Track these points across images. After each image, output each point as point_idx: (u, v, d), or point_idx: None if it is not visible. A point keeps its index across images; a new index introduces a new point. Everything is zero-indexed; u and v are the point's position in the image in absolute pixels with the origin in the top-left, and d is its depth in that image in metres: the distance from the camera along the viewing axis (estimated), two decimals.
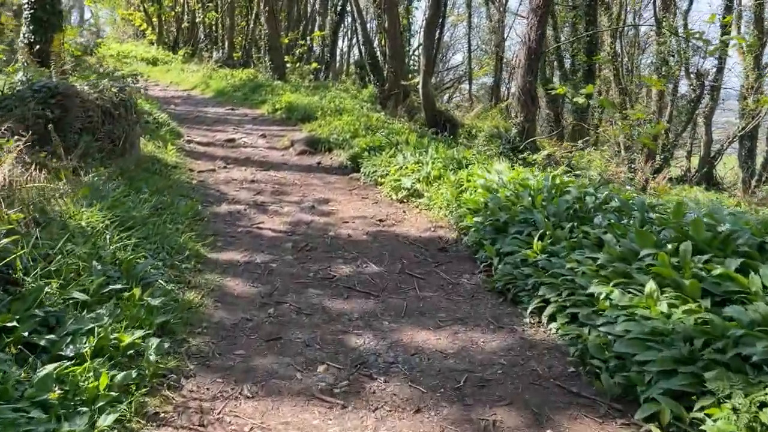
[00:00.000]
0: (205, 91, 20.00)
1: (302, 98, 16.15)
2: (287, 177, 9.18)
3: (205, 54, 23.81)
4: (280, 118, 14.59)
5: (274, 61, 20.06)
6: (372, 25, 23.45)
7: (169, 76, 22.85)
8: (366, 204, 7.82)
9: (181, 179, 8.28)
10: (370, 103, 17.30)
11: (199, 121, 14.13)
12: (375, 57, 18.15)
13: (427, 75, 13.97)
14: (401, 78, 17.63)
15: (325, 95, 17.39)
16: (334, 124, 12.10)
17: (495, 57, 35.87)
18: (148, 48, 25.82)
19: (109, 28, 31.81)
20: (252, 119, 14.68)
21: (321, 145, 10.95)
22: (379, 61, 18.29)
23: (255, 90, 18.36)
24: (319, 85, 19.53)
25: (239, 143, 11.40)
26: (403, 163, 8.41)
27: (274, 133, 12.46)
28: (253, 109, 16.50)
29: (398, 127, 12.86)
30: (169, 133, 10.92)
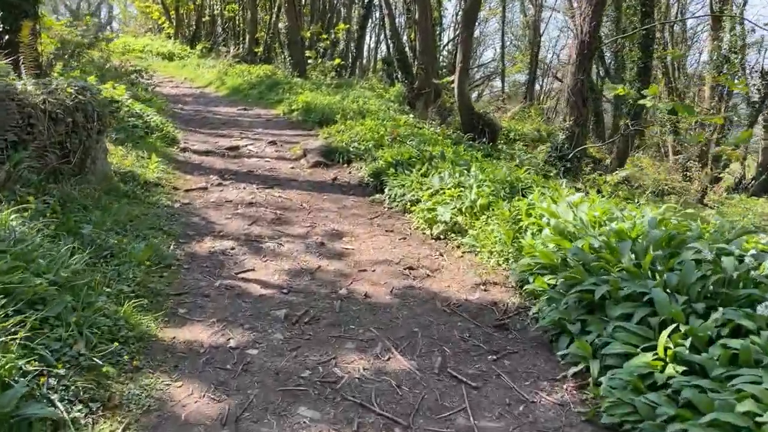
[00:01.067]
0: (219, 89, 18.32)
1: (322, 98, 14.32)
2: (294, 198, 7.34)
3: (223, 49, 22.19)
4: (296, 121, 12.78)
5: (293, 56, 18.28)
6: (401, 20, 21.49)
7: (185, 72, 21.26)
8: (391, 240, 5.94)
9: (159, 203, 6.50)
10: (398, 104, 15.41)
11: (205, 123, 12.41)
12: (403, 52, 16.24)
13: (463, 73, 12.02)
14: (432, 76, 15.71)
15: (347, 94, 15.55)
16: (355, 129, 10.24)
17: (530, 53, 33.71)
18: (165, 42, 24.31)
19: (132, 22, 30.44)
20: (264, 121, 12.90)
21: (339, 155, 9.09)
22: (407, 57, 16.37)
23: (272, 88, 16.60)
24: (341, 83, 17.70)
25: (243, 152, 9.60)
26: (439, 186, 6.49)
27: (285, 140, 10.64)
28: (268, 109, 14.73)
29: (429, 132, 10.95)
30: (161, 139, 9.18)
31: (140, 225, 5.62)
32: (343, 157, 9.05)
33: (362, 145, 9.31)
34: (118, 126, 8.63)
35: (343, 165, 8.96)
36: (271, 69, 18.72)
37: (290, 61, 18.34)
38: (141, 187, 6.77)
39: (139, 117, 9.41)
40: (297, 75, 17.91)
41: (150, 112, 10.61)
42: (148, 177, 7.13)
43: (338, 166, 8.94)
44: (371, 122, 10.47)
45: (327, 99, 14.18)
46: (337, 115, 11.81)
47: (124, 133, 8.53)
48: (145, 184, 6.88)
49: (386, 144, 9.00)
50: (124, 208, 5.82)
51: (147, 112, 10.37)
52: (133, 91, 13.45)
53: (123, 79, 14.46)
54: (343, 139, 9.81)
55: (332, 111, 12.52)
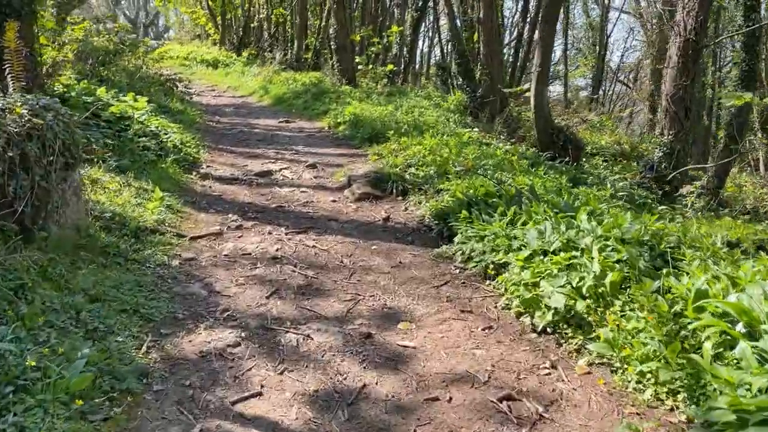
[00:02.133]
0: (262, 98, 16.75)
1: (371, 109, 12.46)
2: (334, 249, 5.45)
3: (269, 55, 20.70)
4: (342, 136, 10.95)
5: (342, 62, 16.51)
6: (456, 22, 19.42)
7: (228, 80, 19.85)
8: (471, 331, 3.95)
9: (151, 262, 4.72)
10: (458, 114, 13.39)
11: (240, 139, 10.73)
12: (465, 56, 14.19)
13: (542, 79, 9.90)
14: (498, 82, 13.60)
15: (401, 104, 13.64)
16: (412, 149, 8.29)
17: (596, 56, 31.03)
18: (210, 49, 23.05)
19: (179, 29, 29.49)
20: (306, 137, 11.12)
21: (392, 184, 7.16)
22: (469, 62, 14.30)
23: (318, 97, 14.87)
24: (394, 91, 15.80)
25: (276, 179, 7.80)
26: (537, 245, 4.44)
27: (328, 161, 8.79)
28: (312, 121, 12.97)
29: (500, 152, 8.91)
30: (177, 164, 7.48)
31: (109, 305, 3.84)
32: (397, 187, 7.11)
33: (421, 171, 7.35)
34: (123, 149, 6.97)
35: (397, 197, 7.02)
36: (318, 76, 17.02)
37: (338, 68, 16.57)
38: (130, 238, 5.02)
39: (154, 136, 7.75)
40: (345, 82, 16.13)
41: (173, 128, 8.97)
42: (145, 221, 5.38)
43: (391, 199, 7.01)
44: (431, 140, 8.50)
45: (378, 110, 12.31)
46: (390, 130, 9.91)
47: (129, 157, 6.87)
48: (137, 233, 5.13)
49: (452, 171, 7.01)
50: (89, 279, 4.04)
51: (168, 128, 8.73)
52: (162, 103, 11.97)
53: (153, 88, 13.03)
54: (396, 162, 7.88)
55: (384, 125, 10.63)
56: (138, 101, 9.60)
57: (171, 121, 10.63)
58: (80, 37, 10.32)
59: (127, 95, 9.68)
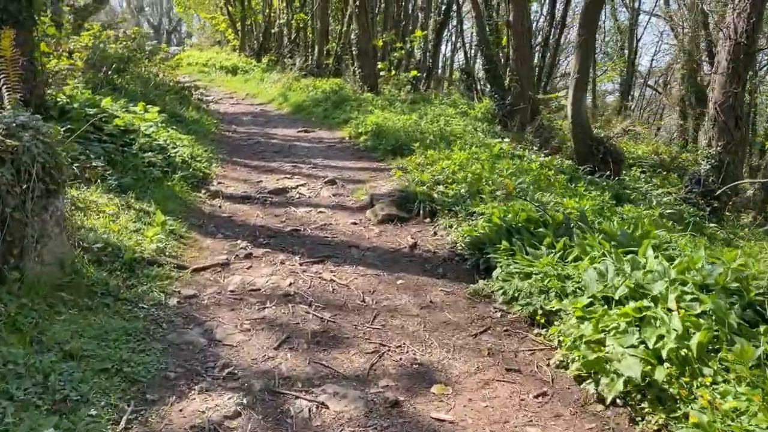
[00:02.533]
0: (281, 106, 16.20)
1: (395, 118, 11.80)
2: (354, 283, 4.77)
3: (288, 61, 20.19)
4: (364, 147, 10.30)
5: (363, 68, 15.88)
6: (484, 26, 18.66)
7: (247, 86, 19.37)
8: (521, 398, 3.24)
9: (144, 301, 4.10)
10: (486, 122, 12.66)
11: (256, 151, 10.15)
12: (493, 61, 13.45)
13: (580, 86, 9.13)
14: (528, 89, 12.84)
15: (425, 112, 12.96)
16: (439, 164, 7.60)
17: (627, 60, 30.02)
18: (230, 55, 22.63)
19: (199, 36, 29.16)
20: (326, 148, 10.50)
21: (418, 205, 6.47)
22: (498, 68, 13.56)
23: (338, 105, 14.26)
24: (418, 98, 15.13)
25: (292, 197, 7.16)
26: (598, 288, 3.71)
27: (349, 176, 8.13)
28: (332, 130, 12.35)
29: (535, 167, 8.18)
30: (186, 180, 6.89)
31: (87, 363, 3.21)
32: (424, 207, 6.41)
33: (451, 190, 6.65)
34: (126, 165, 6.40)
35: (425, 220, 6.32)
36: (338, 83, 16.41)
37: (360, 74, 15.95)
38: (124, 272, 4.41)
39: (161, 150, 7.17)
40: (367, 89, 15.50)
41: (184, 140, 8.40)
42: (143, 250, 4.77)
43: (418, 221, 6.32)
44: (461, 155, 7.79)
45: (401, 119, 11.64)
46: (415, 142, 9.23)
47: (132, 175, 6.29)
48: (132, 265, 4.51)
49: (487, 191, 6.30)
50: (67, 329, 3.42)
51: (178, 141, 8.17)
52: (177, 112, 11.46)
53: (168, 97, 12.54)
54: (423, 179, 7.18)
55: (408, 136, 9.95)
56: (149, 111, 9.07)
57: (184, 131, 10.10)
58: (89, 43, 9.83)
59: (138, 105, 9.16)
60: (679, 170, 13.72)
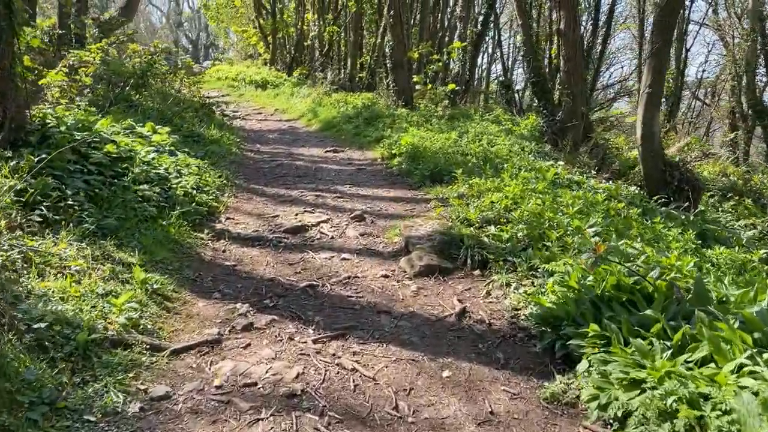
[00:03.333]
0: (310, 122, 15.12)
1: (432, 137, 10.56)
2: (383, 377, 3.49)
3: (319, 75, 19.16)
4: (398, 171, 9.06)
5: (398, 82, 14.69)
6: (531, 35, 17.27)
7: (277, 102, 18.39)
8: None
9: (92, 411, 2.92)
10: (534, 141, 11.28)
11: (278, 174, 9.01)
12: (541, 73, 12.08)
13: (653, 103, 7.70)
14: (581, 104, 11.43)
15: (466, 130, 11.68)
16: (488, 196, 6.28)
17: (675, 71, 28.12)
18: (260, 69, 21.76)
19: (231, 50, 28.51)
20: (355, 171, 9.29)
21: (465, 251, 5.16)
22: (546, 81, 12.19)
23: (371, 122, 13.08)
24: (456, 114, 13.84)
25: (312, 237, 5.92)
26: (762, 427, 2.35)
27: (380, 210, 6.88)
28: (363, 150, 11.17)
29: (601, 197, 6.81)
30: (187, 217, 5.74)
31: None
32: (472, 255, 5.11)
33: (505, 233, 5.33)
34: (113, 202, 5.29)
35: (473, 271, 5.01)
36: (371, 98, 15.25)
37: (394, 88, 14.75)
38: (73, 361, 3.24)
39: (161, 181, 6.05)
40: (402, 104, 14.29)
41: (193, 166, 7.30)
42: (107, 325, 3.60)
43: (465, 273, 5.01)
44: (514, 187, 6.45)
45: (439, 138, 10.38)
46: (456, 166, 7.95)
47: (120, 213, 5.17)
48: (87, 349, 3.34)
49: (553, 237, 4.96)
50: None
51: (185, 167, 7.06)
52: (196, 130, 10.45)
53: (189, 114, 11.57)
54: (469, 216, 5.88)
55: (448, 159, 8.68)
56: (159, 132, 8.04)
57: (201, 153, 9.06)
58: (97, 57, 8.88)
59: (146, 126, 8.14)
60: (753, 194, 12.05)
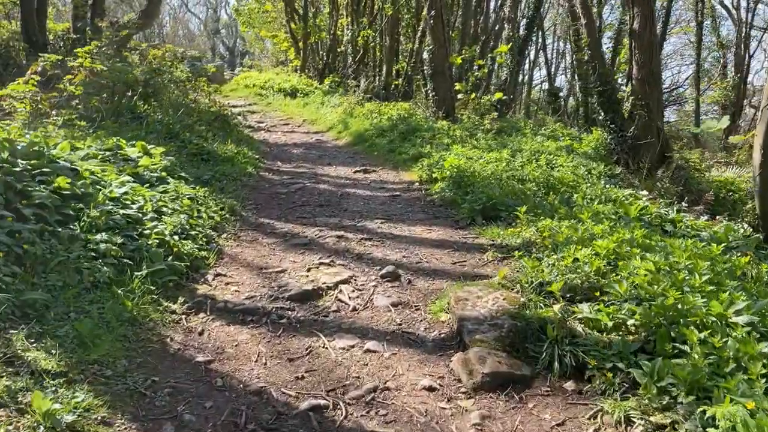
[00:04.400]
0: (340, 135, 13.55)
1: (481, 156, 8.85)
2: None
3: (352, 83, 17.62)
4: (440, 201, 7.36)
5: (438, 90, 12.98)
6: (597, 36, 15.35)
7: (306, 111, 16.91)
8: None
9: None
10: (600, 161, 9.43)
11: (297, 202, 7.42)
12: (609, 82, 10.21)
13: None
14: (658, 118, 9.52)
15: (519, 147, 9.92)
16: (569, 251, 4.51)
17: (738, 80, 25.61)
18: (290, 76, 20.36)
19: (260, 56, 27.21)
20: (388, 199, 7.62)
21: (550, 349, 3.43)
22: (615, 90, 10.32)
23: (407, 136, 11.42)
24: (505, 127, 12.07)
25: (326, 309, 4.24)
26: None
27: (418, 262, 5.15)
28: (399, 170, 9.51)
29: (717, 249, 4.94)
30: (157, 279, 4.15)
31: None
32: (561, 356, 3.37)
33: (608, 317, 3.57)
34: (51, 260, 3.75)
35: (563, 383, 3.26)
36: (407, 108, 13.59)
37: (434, 98, 13.05)
38: None
39: (129, 226, 4.48)
40: (442, 116, 12.59)
41: (185, 198, 5.76)
42: None
43: (551, 389, 3.26)
44: (607, 240, 4.65)
45: (490, 159, 8.65)
46: (515, 198, 6.22)
47: (55, 279, 3.63)
48: None
49: (694, 340, 3.19)
50: None
51: (173, 199, 5.52)
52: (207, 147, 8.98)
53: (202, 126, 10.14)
54: (544, 276, 4.14)
55: (503, 188, 6.95)
56: (150, 154, 6.56)
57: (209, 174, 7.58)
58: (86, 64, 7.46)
59: (136, 145, 6.66)
60: None
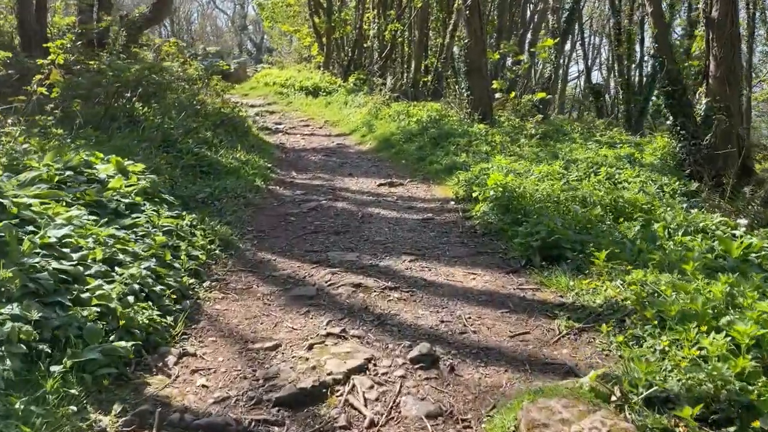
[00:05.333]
0: (364, 139, 12.19)
1: (528, 170, 7.40)
2: None
3: (378, 81, 16.25)
4: (482, 228, 5.92)
5: (474, 89, 11.49)
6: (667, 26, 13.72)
7: (328, 112, 15.58)
8: None
9: None
10: (671, 175, 7.85)
11: (308, 228, 6.07)
12: (677, 80, 8.60)
13: None
14: (740, 123, 7.90)
15: (571, 156, 8.43)
16: (686, 333, 3.07)
17: None
18: (312, 74, 19.06)
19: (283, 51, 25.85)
20: (419, 224, 6.21)
21: None
22: (686, 91, 8.70)
23: (439, 141, 10.00)
24: (550, 131, 10.55)
25: (330, 424, 2.89)
26: None
27: (463, 331, 3.73)
28: (430, 184, 8.10)
29: None
30: (84, 375, 2.84)
31: None
32: None
33: None
34: None
35: None
36: (438, 109, 12.15)
37: (468, 97, 11.57)
38: None
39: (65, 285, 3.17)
40: (479, 118, 11.11)
41: (153, 233, 4.46)
42: None
43: None
44: (749, 326, 3.18)
45: (541, 173, 7.19)
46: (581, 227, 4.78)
47: None
48: None
49: None
50: None
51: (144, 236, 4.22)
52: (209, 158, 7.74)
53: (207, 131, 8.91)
54: (660, 383, 2.72)
55: (563, 214, 5.49)
56: (128, 173, 5.30)
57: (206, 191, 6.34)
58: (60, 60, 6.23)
59: (111, 161, 5.40)
60: None
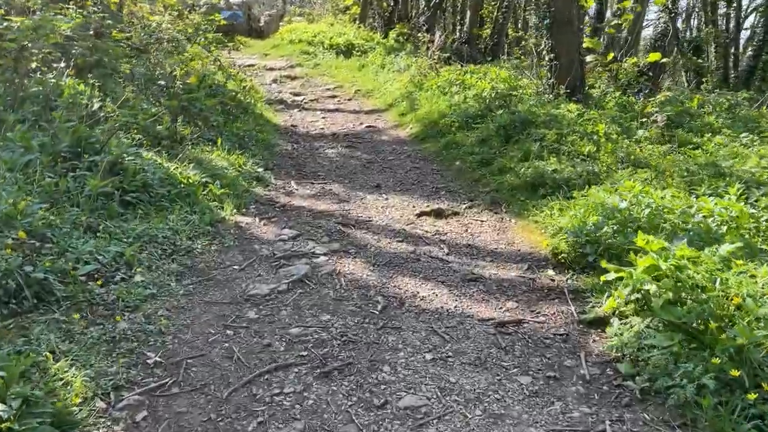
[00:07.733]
0: (403, 120, 8.94)
1: (689, 208, 4.04)
2: None
3: (423, 37, 12.79)
4: (640, 384, 2.77)
5: (560, 51, 7.93)
6: None
7: (361, 77, 12.24)
8: None
9: None
10: None
11: (272, 369, 3.08)
12: None
13: None
14: None
15: (740, 168, 4.95)
16: None
17: None
18: (345, 28, 15.65)
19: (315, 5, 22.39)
20: (494, 345, 3.10)
21: None
22: None
23: (511, 133, 6.67)
24: (673, 113, 7.03)
25: None
26: None
27: None
28: (503, 216, 4.89)
29: None
30: None
31: None
32: None
33: None
34: None
35: None
36: (507, 78, 8.69)
37: (551, 62, 8.02)
38: None
39: None
40: (566, 92, 7.65)
41: None
42: None
43: None
44: None
45: (708, 211, 3.86)
46: None
47: None
48: None
49: None
50: None
51: None
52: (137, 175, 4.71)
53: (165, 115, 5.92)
54: None
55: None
56: None
57: (90, 266, 3.39)
58: None
59: None
60: None
